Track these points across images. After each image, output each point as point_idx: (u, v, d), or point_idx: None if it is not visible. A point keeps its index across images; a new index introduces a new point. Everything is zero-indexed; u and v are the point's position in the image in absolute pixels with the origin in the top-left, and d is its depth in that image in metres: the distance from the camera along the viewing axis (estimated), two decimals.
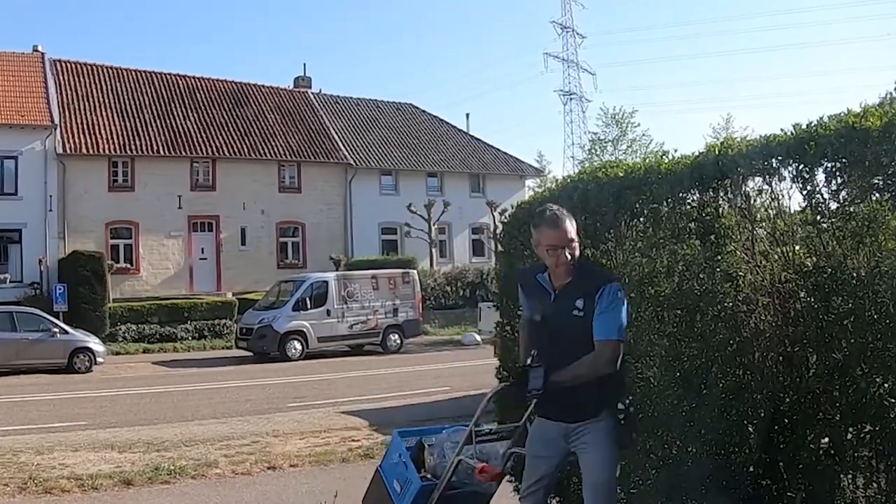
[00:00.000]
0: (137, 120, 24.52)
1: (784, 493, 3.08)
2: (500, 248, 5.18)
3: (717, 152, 3.31)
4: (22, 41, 70.89)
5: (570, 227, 2.85)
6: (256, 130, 26.64)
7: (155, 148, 24.06)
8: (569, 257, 2.84)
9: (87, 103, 24.19)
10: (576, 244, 2.86)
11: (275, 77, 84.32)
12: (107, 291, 20.70)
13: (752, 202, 3.26)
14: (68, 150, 22.44)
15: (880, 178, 2.81)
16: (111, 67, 26.34)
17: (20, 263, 21.93)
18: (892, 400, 2.72)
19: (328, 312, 18.03)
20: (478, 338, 19.00)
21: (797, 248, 3.11)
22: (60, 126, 22.67)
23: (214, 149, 25.11)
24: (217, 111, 26.68)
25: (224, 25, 76.94)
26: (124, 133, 23.85)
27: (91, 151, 22.85)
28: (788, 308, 3.08)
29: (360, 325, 18.50)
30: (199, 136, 25.27)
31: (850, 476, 2.89)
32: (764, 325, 3.17)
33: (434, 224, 26.41)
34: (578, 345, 2.79)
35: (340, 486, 5.53)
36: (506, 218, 4.85)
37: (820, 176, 2.95)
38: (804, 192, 3.00)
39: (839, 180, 2.91)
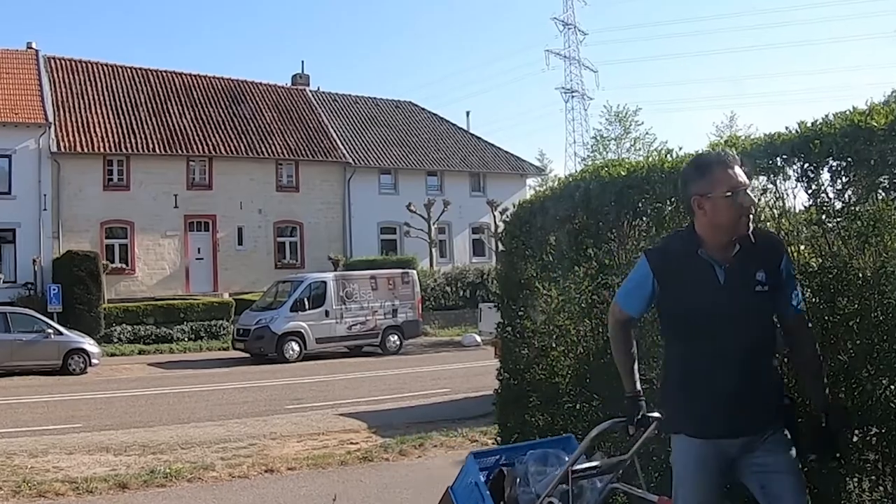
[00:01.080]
0: (133, 118, 24.41)
1: None
2: (501, 247, 5.15)
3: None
4: (16, 38, 70.54)
5: None
6: (254, 129, 26.55)
7: (151, 146, 23.97)
8: (756, 201, 2.36)
9: (81, 101, 24.07)
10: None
11: (272, 75, 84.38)
12: (102, 292, 20.61)
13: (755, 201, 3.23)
14: (63, 149, 22.33)
15: (886, 177, 2.78)
16: (106, 65, 26.22)
17: (14, 263, 21.83)
18: None
19: (326, 313, 17.95)
20: (478, 339, 18.92)
21: (802, 247, 3.08)
22: (55, 124, 22.56)
23: (211, 147, 25.01)
24: (214, 109, 26.58)
25: (221, 22, 76.89)
26: (120, 131, 23.74)
27: (86, 150, 22.74)
28: None
29: (359, 326, 18.41)
30: (195, 134, 25.17)
31: (855, 479, 2.86)
32: None
33: (434, 224, 26.35)
34: (761, 331, 2.30)
35: (339, 490, 5.52)
36: (507, 217, 4.82)
37: (825, 175, 2.92)
38: (809, 192, 2.97)
39: (844, 179, 2.88)
